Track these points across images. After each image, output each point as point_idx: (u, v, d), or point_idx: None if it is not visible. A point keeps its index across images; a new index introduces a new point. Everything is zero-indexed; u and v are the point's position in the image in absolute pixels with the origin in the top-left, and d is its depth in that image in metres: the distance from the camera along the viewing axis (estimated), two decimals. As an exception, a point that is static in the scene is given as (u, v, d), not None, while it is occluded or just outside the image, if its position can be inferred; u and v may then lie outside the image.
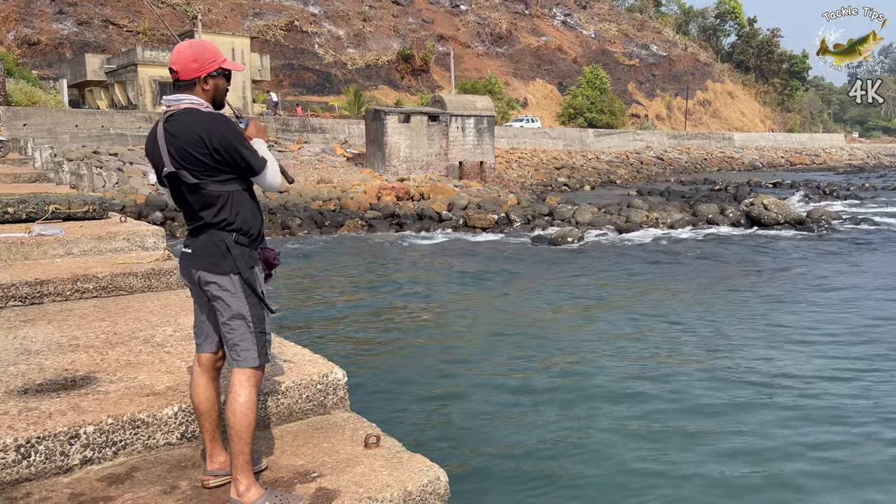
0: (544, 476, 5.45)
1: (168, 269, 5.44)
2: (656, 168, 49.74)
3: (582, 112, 62.15)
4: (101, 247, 6.21)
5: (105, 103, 41.70)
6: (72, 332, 4.10)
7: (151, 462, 2.84)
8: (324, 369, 3.43)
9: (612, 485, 5.29)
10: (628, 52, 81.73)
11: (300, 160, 33.44)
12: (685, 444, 6.04)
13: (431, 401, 7.06)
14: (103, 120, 31.25)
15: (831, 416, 6.51)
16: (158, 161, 2.53)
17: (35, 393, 3.09)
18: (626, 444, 6.01)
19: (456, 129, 34.50)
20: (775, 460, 5.68)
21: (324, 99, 53.84)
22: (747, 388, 7.20)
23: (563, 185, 39.14)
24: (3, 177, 11.74)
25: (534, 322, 10.29)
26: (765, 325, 9.72)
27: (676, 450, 5.94)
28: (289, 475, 2.72)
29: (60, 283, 4.96)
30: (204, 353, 2.66)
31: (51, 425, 2.73)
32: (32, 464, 2.66)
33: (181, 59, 2.53)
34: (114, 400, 3.01)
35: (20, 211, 6.96)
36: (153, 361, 3.55)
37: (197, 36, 42.64)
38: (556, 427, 6.37)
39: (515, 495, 5.14)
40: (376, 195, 27.51)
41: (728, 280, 12.96)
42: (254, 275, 2.53)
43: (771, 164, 61.64)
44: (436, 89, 57.73)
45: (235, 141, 2.47)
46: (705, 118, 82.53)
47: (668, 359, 8.43)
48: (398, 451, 2.92)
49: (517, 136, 46.94)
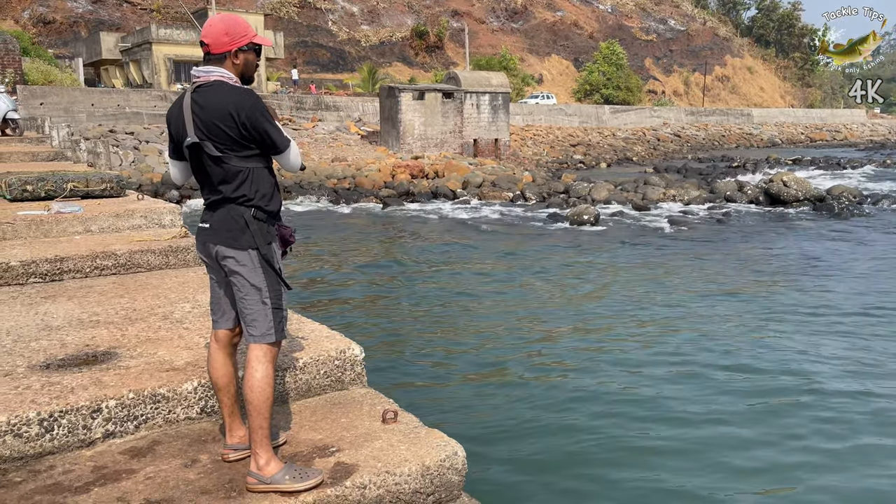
0: (561, 453, 5.46)
1: (185, 246, 5.48)
2: (673, 145, 49.19)
3: (598, 88, 61.45)
4: (119, 224, 6.26)
5: (120, 82, 41.83)
6: (92, 308, 4.15)
7: (172, 436, 2.87)
8: (341, 345, 3.45)
9: (630, 465, 5.30)
10: (645, 27, 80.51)
11: (315, 138, 33.41)
12: (705, 425, 6.02)
13: (448, 377, 7.08)
14: (119, 98, 31.35)
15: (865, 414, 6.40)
16: (181, 131, 2.53)
17: (57, 368, 3.13)
18: (645, 424, 6.00)
19: (471, 106, 34.26)
20: (803, 448, 5.66)
21: (338, 76, 53.63)
22: (773, 378, 7.09)
23: (579, 162, 38.84)
24: (21, 155, 11.83)
25: (549, 300, 10.27)
26: (786, 309, 9.58)
27: (694, 428, 5.93)
28: (307, 449, 2.74)
29: (80, 261, 5.01)
30: (221, 329, 2.67)
31: (73, 399, 2.77)
32: (55, 437, 2.70)
33: (212, 33, 2.52)
34: (134, 375, 3.04)
35: (39, 189, 7.02)
36: (172, 337, 3.58)
37: (211, 13, 42.49)
38: (574, 405, 6.37)
39: (533, 472, 5.15)
40: (391, 173, 27.46)
41: (745, 261, 12.81)
42: (271, 250, 2.54)
43: (790, 140, 60.73)
44: (450, 66, 57.29)
45: (263, 118, 2.47)
46: (723, 94, 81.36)
47: (684, 340, 8.39)
48: (416, 427, 2.93)
49: (532, 113, 46.55)
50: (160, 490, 2.44)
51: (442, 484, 2.68)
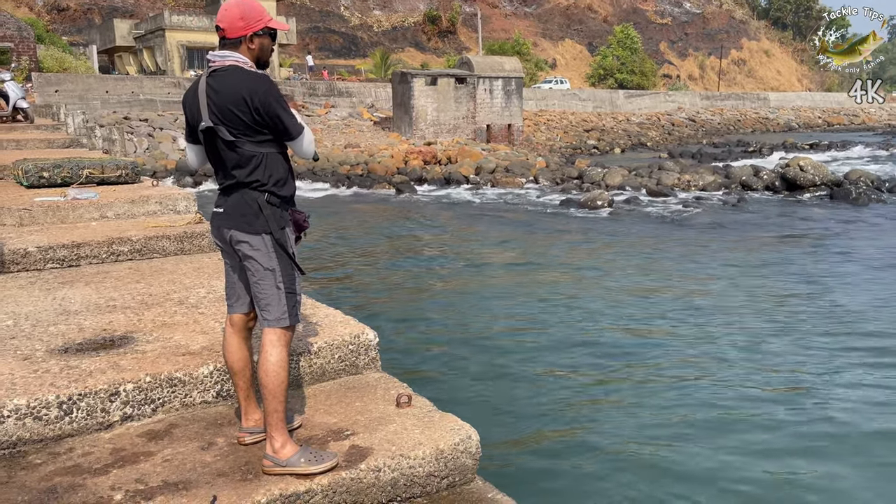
0: (576, 439, 5.47)
1: (200, 232, 5.50)
2: (688, 130, 48.75)
3: (612, 73, 60.91)
4: (135, 210, 6.30)
5: (134, 69, 41.96)
6: (108, 293, 4.18)
7: (189, 419, 2.90)
8: (355, 330, 3.46)
9: (646, 453, 5.29)
10: (660, 11, 79.60)
11: (327, 125, 33.41)
12: (721, 411, 6.01)
13: (461, 362, 7.10)
14: (133, 86, 31.49)
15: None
16: (196, 115, 2.53)
17: (75, 352, 3.17)
18: (662, 412, 5.99)
19: (483, 91, 34.10)
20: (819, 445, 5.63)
21: (350, 62, 53.52)
22: (786, 378, 7.03)
23: (593, 147, 38.61)
24: (37, 142, 11.92)
25: (563, 286, 10.25)
26: (802, 301, 9.45)
27: (711, 412, 5.91)
28: (322, 433, 2.76)
29: (96, 246, 5.05)
30: (235, 313, 2.69)
31: (91, 383, 2.80)
32: (74, 420, 2.73)
33: (228, 17, 2.52)
34: (151, 359, 3.07)
35: (55, 175, 7.07)
36: (188, 322, 3.61)
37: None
38: (588, 391, 6.37)
39: (546, 457, 5.17)
40: (403, 159, 27.43)
41: (758, 252, 12.63)
42: (285, 235, 2.54)
43: (807, 124, 59.99)
44: (463, 51, 56.97)
45: (277, 103, 2.46)
46: (739, 78, 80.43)
47: (699, 330, 8.36)
48: (430, 411, 2.94)
49: (546, 98, 46.26)
50: (177, 472, 2.46)
51: (456, 467, 2.70)
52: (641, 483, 4.85)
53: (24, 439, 2.64)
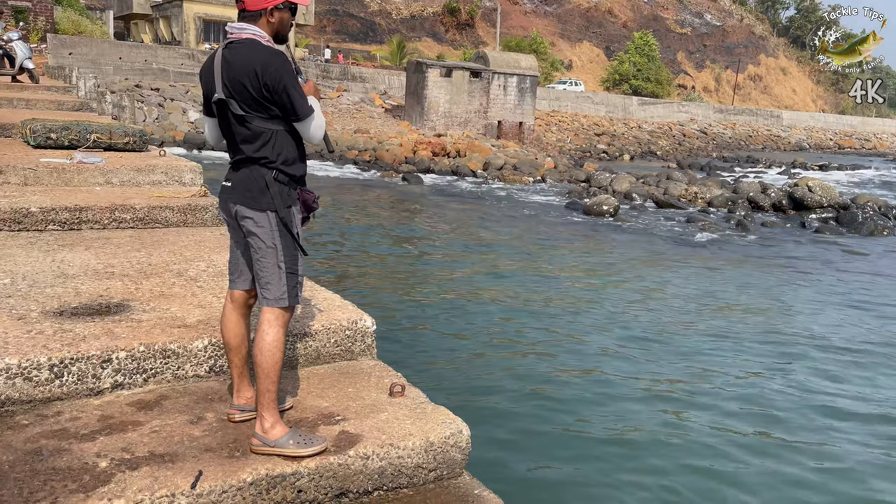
0: (569, 438, 5.45)
1: (204, 205, 5.47)
2: (699, 142, 48.63)
3: (627, 79, 60.73)
4: (140, 179, 6.27)
5: (149, 37, 41.83)
6: (108, 259, 4.16)
7: (180, 392, 2.88)
8: (353, 316, 3.44)
9: (640, 451, 5.28)
10: (681, 20, 79.31)
11: (338, 108, 33.33)
12: (708, 417, 6.00)
13: (457, 355, 7.08)
14: (147, 54, 31.38)
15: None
16: (211, 87, 2.50)
17: (70, 315, 3.14)
18: (656, 410, 5.98)
19: (497, 86, 34.00)
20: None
21: (366, 47, 53.36)
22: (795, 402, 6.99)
23: (602, 152, 38.52)
24: (47, 103, 11.88)
25: (563, 285, 10.23)
26: (804, 333, 9.26)
27: (696, 417, 5.90)
28: (313, 416, 2.74)
29: (99, 212, 5.02)
30: (236, 289, 2.66)
31: (84, 348, 2.78)
32: (64, 384, 2.71)
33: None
34: (146, 329, 3.04)
35: (62, 137, 7.04)
36: (185, 295, 3.58)
37: (244, -25, 42.22)
38: (584, 390, 6.36)
39: (537, 456, 5.15)
40: (412, 149, 27.39)
41: (758, 275, 12.54)
42: (290, 214, 2.51)
43: (818, 145, 59.86)
44: (480, 45, 56.78)
45: (287, 80, 2.42)
46: (754, 93, 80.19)
47: (694, 336, 8.34)
48: (422, 402, 2.92)
49: (559, 99, 46.13)
50: (165, 444, 2.44)
51: (445, 461, 2.67)
52: (632, 485, 4.84)
53: (12, 399, 2.62)
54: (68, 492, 2.12)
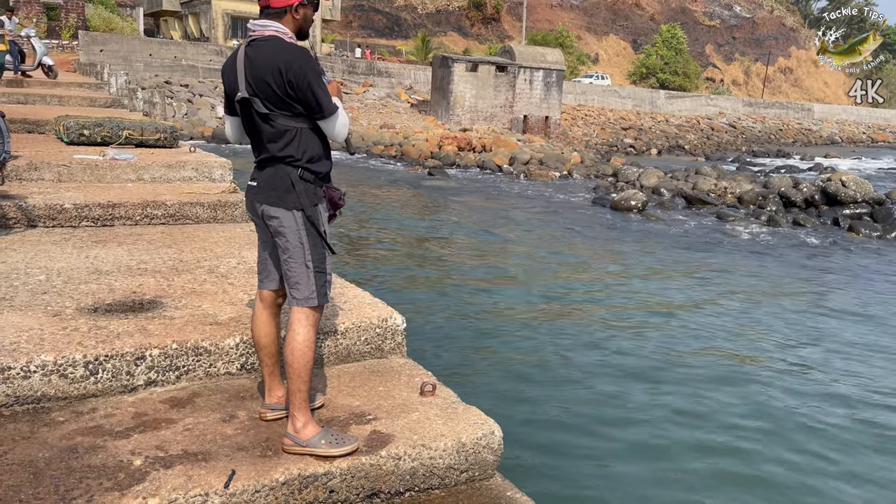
0: (601, 440, 5.38)
1: (234, 201, 5.50)
2: (728, 136, 47.88)
3: (655, 72, 60.00)
4: (171, 175, 6.32)
5: (178, 34, 42.28)
6: (140, 256, 4.19)
7: (212, 389, 2.89)
8: (383, 313, 3.42)
9: (674, 458, 5.19)
10: (709, 12, 78.11)
11: (364, 103, 33.40)
12: (741, 419, 5.90)
13: (488, 354, 7.04)
14: (176, 51, 31.72)
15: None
16: (234, 85, 2.49)
17: (104, 312, 3.17)
18: (690, 418, 5.89)
19: (523, 81, 33.80)
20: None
21: (392, 42, 53.39)
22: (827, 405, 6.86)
23: (629, 146, 38.12)
24: (80, 100, 12.05)
25: (593, 285, 10.14)
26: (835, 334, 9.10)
27: (735, 420, 5.81)
28: (344, 415, 2.73)
29: (131, 208, 5.07)
30: (265, 289, 2.66)
31: (118, 345, 2.80)
32: (99, 381, 2.73)
33: None
34: (178, 326, 3.06)
35: (95, 134, 7.13)
36: (217, 291, 3.60)
37: (271, -29, 42.45)
38: (617, 391, 6.28)
39: (569, 457, 5.09)
40: (438, 144, 27.35)
41: (791, 274, 12.32)
42: (317, 212, 2.49)
43: (851, 139, 58.62)
44: (505, 39, 56.50)
45: (312, 77, 2.39)
46: (785, 86, 78.76)
47: (727, 335, 8.21)
48: (453, 402, 2.90)
49: (585, 93, 45.74)
50: (198, 442, 2.45)
51: (477, 462, 2.65)
52: (670, 488, 4.77)
53: (48, 395, 2.65)
54: (103, 489, 2.13)
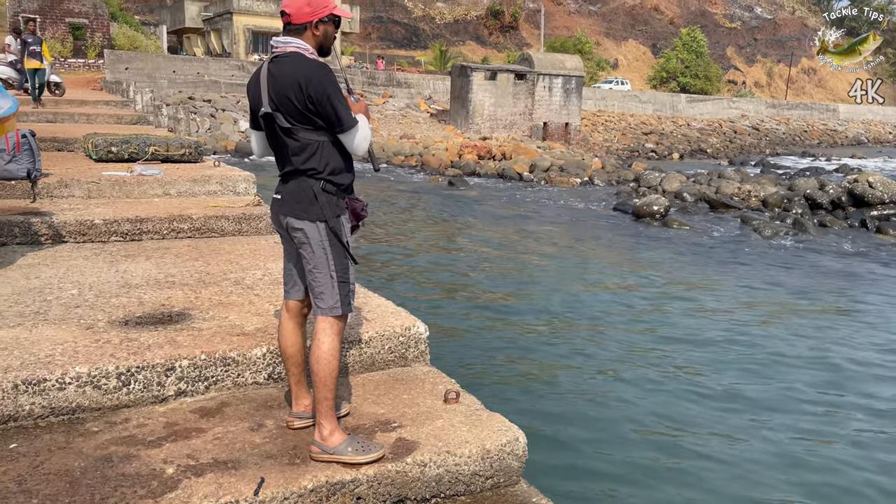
0: (626, 447, 5.36)
1: (258, 214, 5.59)
2: (751, 138, 47.42)
3: (675, 76, 59.69)
4: (196, 189, 6.44)
5: (201, 50, 42.96)
6: (168, 269, 4.28)
7: (240, 399, 2.94)
8: (406, 322, 3.46)
9: (698, 466, 5.17)
10: (730, 14, 77.57)
11: (384, 114, 33.62)
12: (765, 431, 5.84)
13: (511, 361, 7.05)
14: (199, 67, 32.21)
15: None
16: (257, 101, 2.56)
17: (135, 325, 3.25)
18: (715, 427, 5.85)
19: (543, 88, 33.81)
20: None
21: (410, 53, 53.72)
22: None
23: (651, 151, 37.91)
24: (107, 117, 12.31)
25: (615, 292, 10.10)
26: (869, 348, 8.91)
27: (760, 422, 5.75)
28: (370, 423, 2.77)
29: (158, 222, 5.18)
30: (291, 299, 2.71)
31: (149, 357, 2.87)
32: (131, 391, 2.80)
33: (295, 3, 2.52)
34: (207, 337, 3.12)
35: (123, 151, 7.29)
36: (243, 303, 3.66)
37: (290, -14, 43.03)
38: (640, 399, 6.25)
39: (594, 464, 5.08)
40: (458, 153, 27.44)
41: (825, 279, 12.13)
42: (340, 223, 2.54)
43: (878, 139, 57.74)
44: (524, 47, 56.59)
45: (331, 91, 2.45)
46: (808, 87, 77.89)
47: (755, 346, 8.13)
48: (477, 409, 2.93)
49: (605, 99, 45.62)
50: (227, 451, 2.50)
51: (501, 468, 2.67)
52: (697, 496, 4.74)
53: (83, 406, 2.72)
54: (138, 497, 2.19)
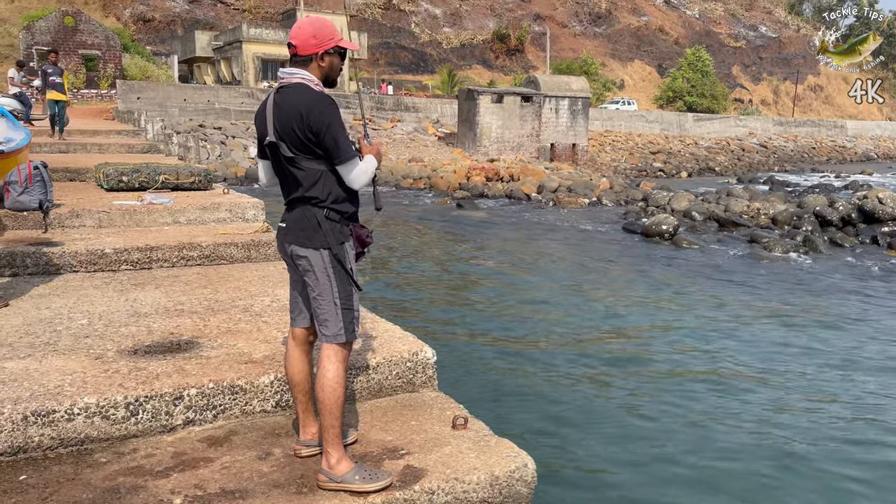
0: (636, 473, 5.31)
1: (267, 240, 5.63)
2: (759, 156, 47.36)
3: (681, 95, 59.84)
4: (205, 217, 6.49)
5: (211, 78, 43.52)
6: (177, 297, 4.31)
7: (248, 427, 2.94)
8: (413, 347, 3.46)
9: (710, 490, 5.10)
10: (734, 34, 77.90)
11: (393, 138, 33.85)
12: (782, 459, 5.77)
13: (518, 385, 7.01)
14: (209, 95, 32.60)
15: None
16: (263, 130, 2.61)
17: (144, 354, 3.26)
18: (726, 453, 5.78)
19: (549, 110, 33.98)
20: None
21: (418, 78, 54.19)
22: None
23: (659, 170, 37.93)
24: (118, 147, 12.46)
25: (624, 315, 10.04)
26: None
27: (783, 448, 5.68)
28: (377, 450, 2.76)
29: (168, 250, 5.22)
30: (297, 327, 2.72)
31: (158, 386, 2.88)
32: (140, 421, 2.81)
33: (301, 35, 2.57)
34: (215, 365, 3.13)
35: (133, 180, 7.37)
36: (251, 330, 3.68)
37: (299, 14, 43.69)
38: (650, 425, 6.19)
39: (604, 490, 5.03)
40: (466, 175, 27.53)
41: (838, 300, 12.02)
42: (343, 251, 2.55)
43: (887, 154, 57.55)
44: (530, 70, 57.00)
45: (331, 122, 2.48)
46: (815, 104, 77.86)
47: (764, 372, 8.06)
48: (486, 435, 2.91)
49: (612, 119, 45.77)
50: (235, 480, 2.50)
51: (510, 495, 2.65)
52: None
53: (91, 437, 2.73)
54: (145, 528, 2.18)
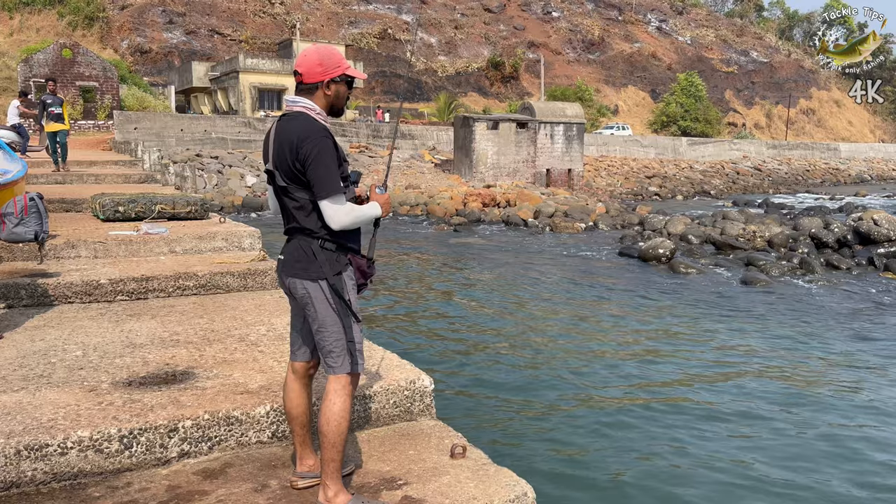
0: (639, 499, 5.25)
1: (263, 269, 5.61)
2: (754, 179, 47.63)
3: (675, 120, 60.37)
4: (202, 246, 6.48)
5: (208, 108, 43.81)
6: (173, 327, 4.28)
7: (244, 459, 2.91)
8: (411, 375, 3.43)
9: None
10: (726, 59, 78.83)
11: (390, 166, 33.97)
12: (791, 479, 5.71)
13: (516, 413, 6.95)
14: (206, 124, 32.79)
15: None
16: (265, 157, 2.62)
17: (138, 385, 3.23)
18: (725, 485, 5.73)
19: (544, 136, 34.22)
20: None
21: (414, 105, 54.58)
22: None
23: (654, 194, 38.09)
24: (115, 177, 12.49)
25: (623, 342, 10.01)
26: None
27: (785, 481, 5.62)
28: (375, 481, 2.72)
29: (164, 280, 5.21)
30: (297, 361, 2.69)
31: (152, 418, 2.85)
32: (134, 454, 2.77)
33: (307, 62, 2.54)
34: (210, 396, 3.10)
35: (129, 210, 7.38)
36: (247, 360, 3.65)
37: (295, 44, 44.15)
38: (650, 450, 6.14)
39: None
40: (462, 201, 27.62)
41: (836, 323, 12.06)
42: (341, 281, 2.51)
43: (881, 176, 57.90)
44: (525, 96, 57.52)
45: (320, 153, 2.41)
46: (808, 127, 78.52)
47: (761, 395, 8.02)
48: (485, 464, 2.88)
49: (607, 144, 46.09)
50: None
51: (510, 525, 2.61)
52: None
53: (84, 471, 2.69)
54: (139, 565, 2.14)
